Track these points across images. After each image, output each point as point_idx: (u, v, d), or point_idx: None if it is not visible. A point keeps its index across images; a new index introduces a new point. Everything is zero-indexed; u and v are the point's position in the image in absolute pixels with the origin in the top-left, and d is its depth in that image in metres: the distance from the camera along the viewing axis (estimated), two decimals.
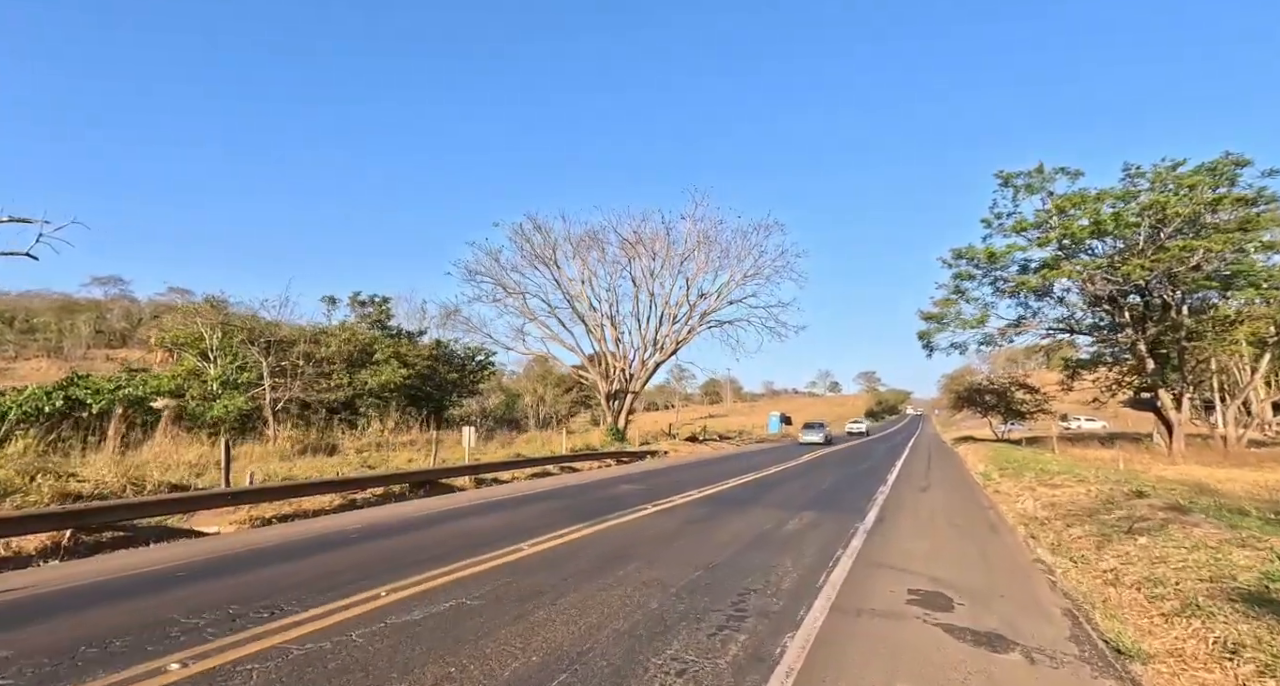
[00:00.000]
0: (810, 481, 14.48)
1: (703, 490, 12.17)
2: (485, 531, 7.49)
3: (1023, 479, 16.24)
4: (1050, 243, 25.30)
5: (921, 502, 11.51)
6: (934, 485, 14.75)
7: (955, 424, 77.75)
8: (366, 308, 39.05)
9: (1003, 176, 27.14)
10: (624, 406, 27.41)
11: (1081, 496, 11.74)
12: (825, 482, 14.23)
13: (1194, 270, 22.78)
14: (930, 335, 31.49)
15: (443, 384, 40.17)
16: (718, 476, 15.12)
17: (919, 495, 12.59)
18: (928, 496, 12.49)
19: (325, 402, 29.62)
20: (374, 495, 11.47)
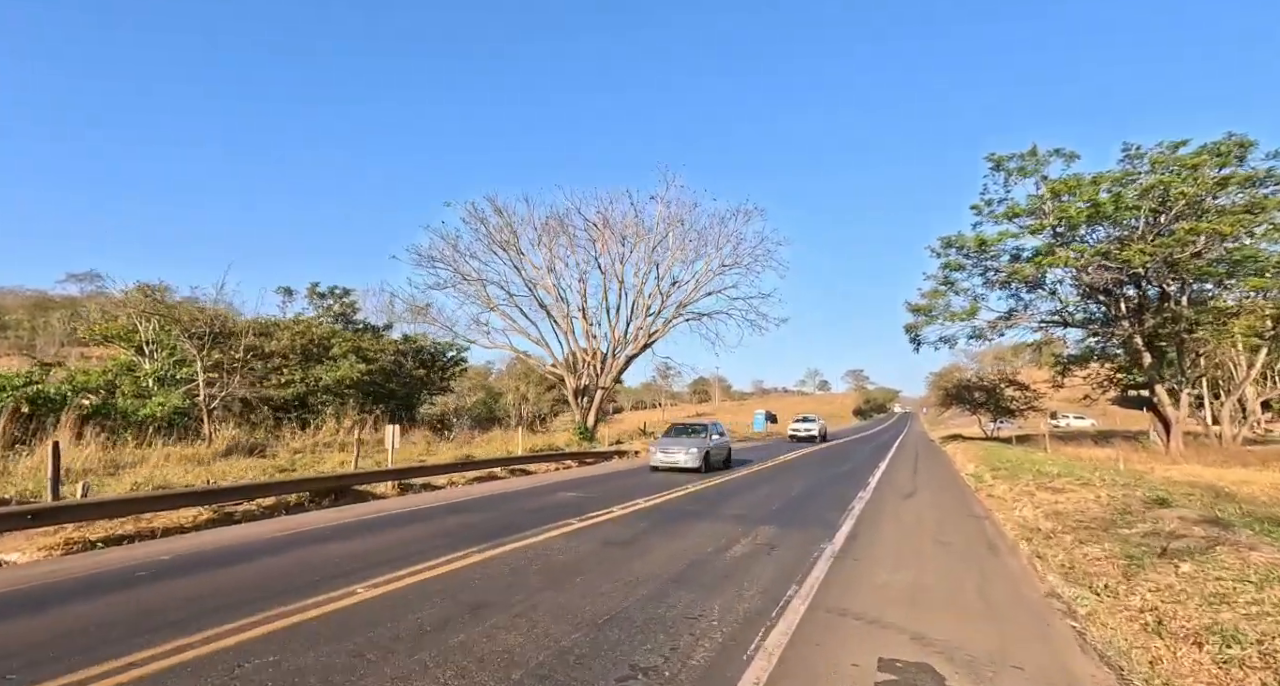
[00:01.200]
0: (781, 485, 12.82)
1: (654, 497, 10.46)
2: (333, 562, 5.71)
3: (1018, 481, 14.68)
4: (1044, 229, 23.84)
5: (905, 512, 9.87)
6: (920, 489, 13.14)
7: (943, 422, 76.71)
8: (326, 300, 36.95)
9: (994, 160, 25.66)
10: (593, 403, 25.63)
11: (1090, 504, 10.16)
12: (797, 487, 12.56)
13: (1195, 256, 21.41)
14: (918, 329, 30.00)
15: (409, 381, 38.22)
16: (680, 480, 13.43)
17: (902, 503, 10.95)
18: (913, 504, 10.85)
19: (272, 400, 27.63)
20: (261, 507, 9.65)
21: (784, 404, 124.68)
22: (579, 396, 25.51)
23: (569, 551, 6.16)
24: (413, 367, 39.01)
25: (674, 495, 11.05)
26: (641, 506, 9.54)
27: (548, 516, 8.24)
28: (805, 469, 17.83)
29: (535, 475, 15.95)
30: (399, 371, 37.82)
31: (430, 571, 5.28)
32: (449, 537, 6.74)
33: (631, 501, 10.00)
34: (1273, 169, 19.32)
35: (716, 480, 13.83)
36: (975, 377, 46.76)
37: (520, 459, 17.58)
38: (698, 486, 12.46)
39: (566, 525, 7.66)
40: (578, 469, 18.20)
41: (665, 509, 9.35)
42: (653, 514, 8.80)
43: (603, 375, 25.71)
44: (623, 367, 26.85)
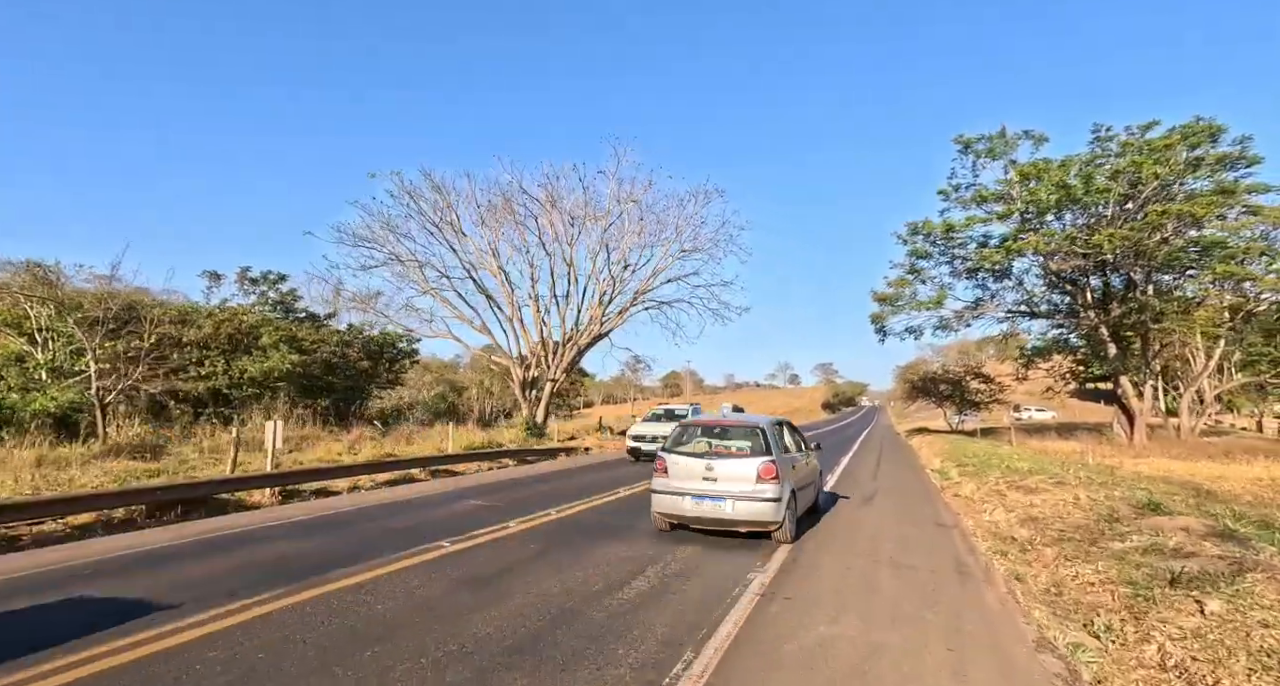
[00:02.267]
0: None
1: (573, 505, 8.84)
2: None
3: (986, 479, 13.53)
4: (1012, 215, 22.92)
5: (862, 524, 8.45)
6: (881, 492, 11.81)
7: (909, 415, 77.09)
8: (259, 286, 34.21)
9: (962, 142, 24.67)
10: (543, 397, 23.88)
11: (1070, 507, 8.92)
12: None
13: (1163, 243, 20.74)
14: (883, 318, 29.00)
15: (353, 374, 35.78)
16: (610, 483, 11.86)
17: (860, 509, 9.55)
18: (871, 512, 9.45)
19: (187, 394, 25.16)
20: (69, 527, 7.71)
21: (753, 397, 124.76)
22: (527, 389, 23.72)
23: (401, 595, 4.48)
24: (357, 359, 36.65)
25: (599, 501, 9.45)
26: (549, 518, 7.90)
27: (416, 537, 6.54)
28: None
29: (459, 476, 14.18)
30: (341, 363, 35.41)
31: (141, 648, 3.52)
32: (247, 576, 4.98)
33: (543, 511, 8.35)
34: (1244, 149, 18.63)
35: None
36: (941, 370, 46.43)
37: (449, 458, 15.79)
38: (630, 491, 10.89)
39: (432, 550, 5.98)
40: (514, 468, 16.47)
41: (577, 521, 7.74)
42: (556, 530, 7.16)
43: (553, 367, 23.96)
44: (574, 359, 25.11)
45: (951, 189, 26.50)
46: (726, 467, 6.78)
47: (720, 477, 6.71)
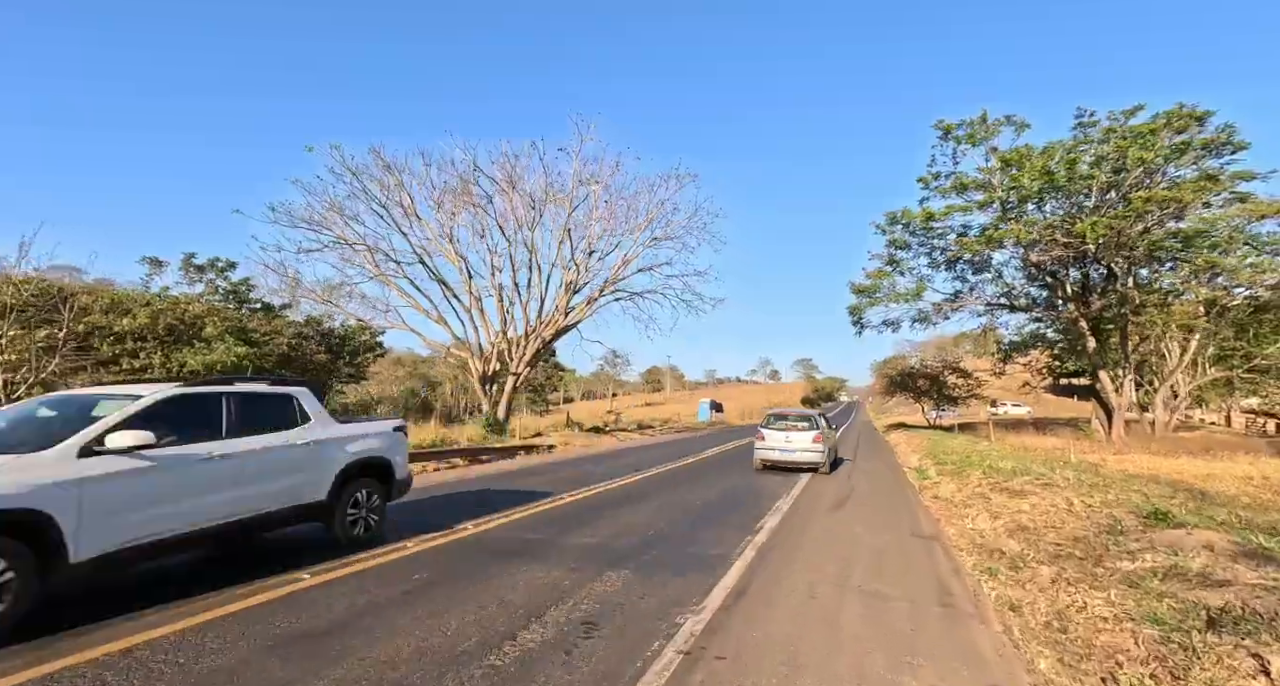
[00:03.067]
0: (684, 494, 10.19)
1: (484, 521, 7.56)
2: None
3: (968, 478, 12.59)
4: (992, 203, 22.12)
5: (833, 534, 7.35)
6: (855, 495, 10.76)
7: (887, 410, 77.10)
8: (206, 273, 32.16)
9: (943, 127, 23.80)
10: (504, 392, 22.52)
11: (1063, 514, 7.93)
12: (700, 497, 9.94)
13: (1145, 233, 20.09)
14: (861, 310, 28.17)
15: (311, 367, 33.98)
16: (563, 485, 10.65)
17: (829, 519, 8.46)
18: (841, 520, 8.36)
19: None
20: None
21: (734, 393, 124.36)
22: (487, 384, 22.34)
23: (177, 677, 3.21)
24: (313, 352, 34.84)
25: (529, 512, 8.21)
26: (456, 536, 6.64)
27: (273, 562, 5.25)
28: (723, 470, 15.37)
29: None
30: (297, 357, 33.58)
31: None
32: None
33: (457, 526, 7.10)
34: (1231, 134, 17.99)
35: (610, 485, 11.10)
36: (920, 365, 46.01)
37: None
38: (575, 497, 9.68)
39: (285, 584, 4.69)
40: (463, 469, 15.14)
41: (488, 541, 6.50)
42: (456, 553, 5.91)
43: (515, 360, 22.60)
44: (539, 351, 23.78)
45: (931, 177, 25.68)
46: (796, 436, 13.31)
47: (793, 441, 13.18)
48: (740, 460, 17.06)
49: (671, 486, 10.98)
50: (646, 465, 14.81)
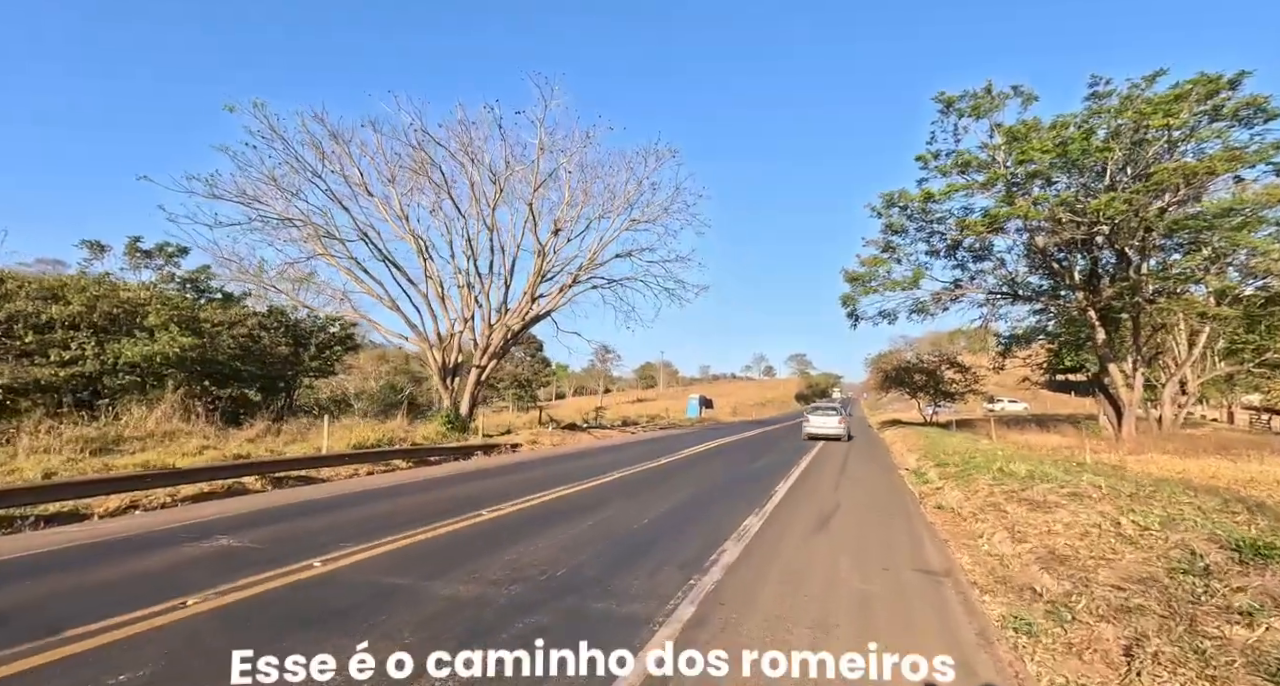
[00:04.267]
0: (632, 509, 8.38)
1: (360, 550, 5.76)
2: None
3: (976, 484, 10.85)
4: (997, 181, 20.33)
5: (803, 577, 5.51)
6: (843, 508, 8.98)
7: (882, 406, 75.63)
8: (154, 259, 30.06)
9: (944, 100, 22.00)
10: (466, 386, 20.64)
11: (1111, 538, 6.17)
12: (653, 510, 8.15)
13: (1162, 213, 18.37)
14: (855, 300, 26.38)
15: (269, 359, 31.98)
16: (487, 499, 8.84)
17: (806, 545, 6.66)
18: (822, 548, 6.57)
19: (37, 382, 21.36)
20: None
21: (727, 390, 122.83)
22: (448, 378, 20.44)
23: None
24: (274, 344, 32.85)
25: (431, 534, 6.41)
26: (302, 576, 4.83)
27: (39, 623, 3.44)
28: (700, 469, 13.61)
29: (316, 484, 10.98)
30: (256, 349, 31.57)
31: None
32: None
33: (315, 558, 5.28)
34: (1265, 103, 16.21)
35: (566, 491, 9.32)
36: (916, 359, 44.38)
37: (320, 461, 12.57)
38: (518, 507, 7.89)
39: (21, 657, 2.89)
40: (402, 472, 13.32)
41: (343, 581, 4.69)
42: (284, 605, 4.11)
43: (478, 352, 20.72)
44: (506, 343, 21.90)
45: (931, 156, 23.88)
46: (828, 418, 23.49)
47: (826, 422, 23.09)
48: (716, 461, 15.28)
49: (625, 495, 9.17)
50: (611, 468, 13.02)
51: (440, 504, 8.32)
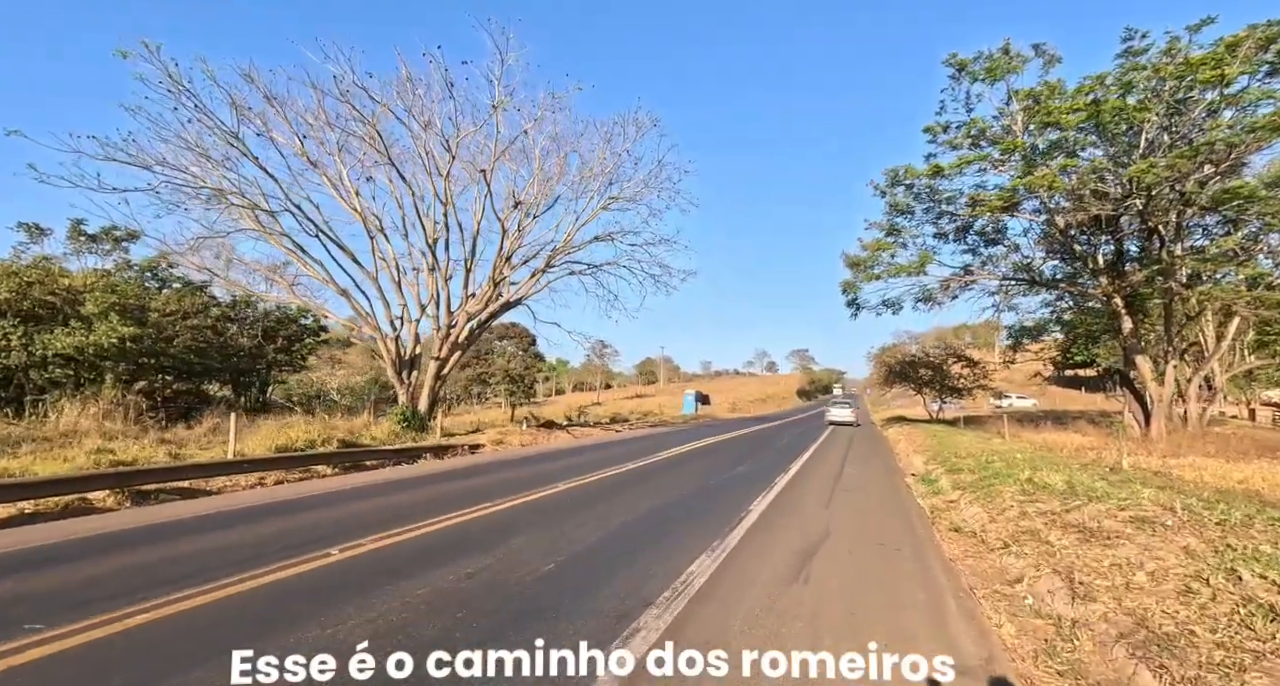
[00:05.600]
0: (571, 530, 6.43)
1: (183, 597, 3.79)
2: None
3: (1000, 497, 8.82)
4: (1015, 152, 18.16)
5: (766, 667, 3.47)
6: (835, 533, 6.96)
7: (885, 402, 73.48)
8: (101, 243, 28.09)
9: (956, 63, 19.80)
10: (425, 380, 18.65)
11: (1230, 602, 4.11)
12: (594, 535, 6.17)
13: (1206, 183, 16.22)
14: (856, 287, 24.29)
15: (229, 352, 30.05)
16: (426, 509, 6.96)
17: (778, 603, 4.63)
18: (799, 610, 4.55)
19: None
20: None
21: (728, 386, 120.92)
22: (404, 371, 18.44)
23: None
24: (234, 335, 30.91)
25: (293, 571, 4.44)
26: (101, 632, 2.86)
27: None
28: (680, 473, 11.62)
29: (197, 499, 9.00)
30: (216, 341, 29.64)
31: None
32: None
33: (127, 608, 3.29)
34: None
35: (471, 514, 7.32)
36: (922, 352, 42.23)
37: (226, 467, 10.60)
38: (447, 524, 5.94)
39: None
40: (321, 481, 11.34)
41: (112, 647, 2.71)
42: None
43: (439, 342, 18.71)
44: (472, 333, 19.87)
45: (940, 128, 21.71)
46: (844, 409, 35.19)
47: (843, 412, 34.64)
48: (693, 465, 13.25)
49: (553, 519, 7.15)
50: (565, 475, 11.02)
51: (302, 532, 6.34)
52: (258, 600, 4.24)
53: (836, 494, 9.55)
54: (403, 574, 4.84)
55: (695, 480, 10.89)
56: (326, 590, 4.46)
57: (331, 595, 4.32)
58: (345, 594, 4.34)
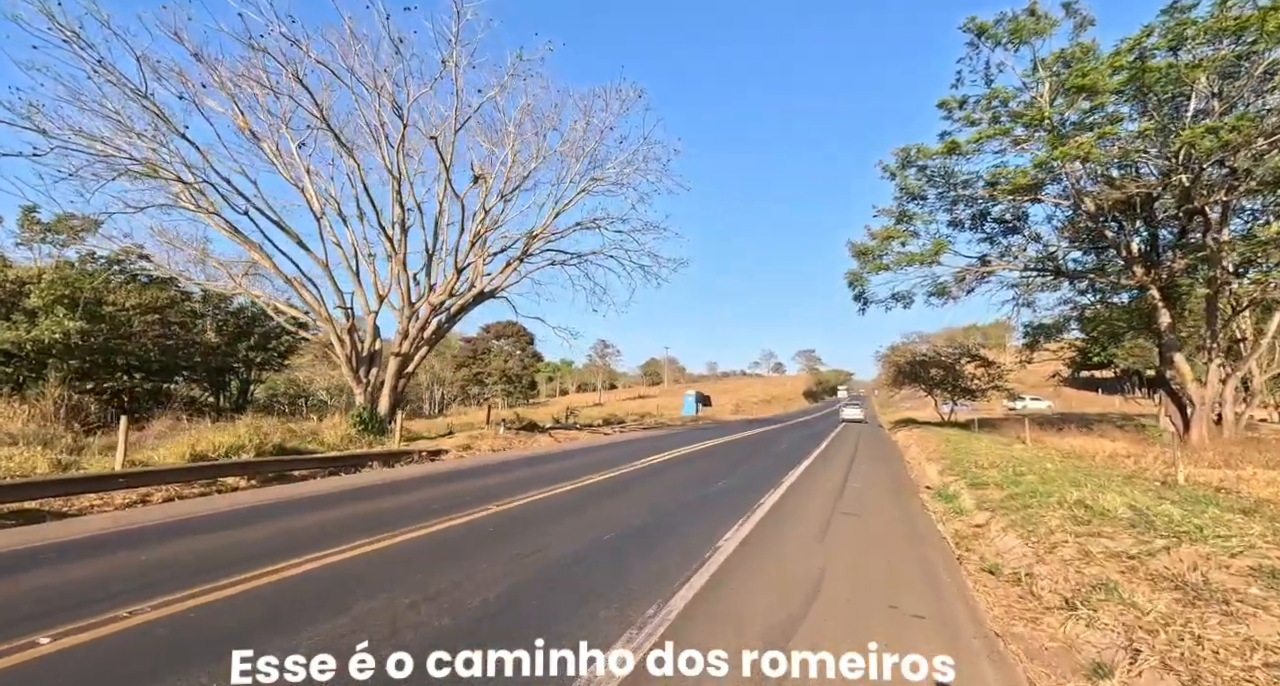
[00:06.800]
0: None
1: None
2: None
3: (1041, 522, 6.95)
4: (1044, 121, 16.18)
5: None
6: (829, 577, 5.14)
7: (894, 404, 71.22)
8: (56, 233, 26.57)
9: (975, 28, 17.85)
10: (386, 378, 16.88)
11: None
12: (493, 591, 4.39)
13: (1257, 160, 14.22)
14: (863, 280, 22.36)
15: (198, 350, 28.48)
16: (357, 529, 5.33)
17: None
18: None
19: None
20: None
21: (733, 387, 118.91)
22: (361, 368, 16.68)
23: None
24: (203, 332, 29.36)
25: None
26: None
27: None
28: (655, 487, 9.80)
29: (35, 526, 7.26)
30: (184, 337, 28.08)
31: None
32: None
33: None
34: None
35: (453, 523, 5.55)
36: (933, 351, 40.12)
37: (86, 482, 8.85)
38: (338, 556, 4.14)
39: None
40: (230, 496, 9.59)
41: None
42: None
43: (400, 337, 16.94)
44: (437, 328, 18.08)
45: (956, 102, 19.76)
46: (854, 408, 45.42)
47: (853, 411, 44.12)
48: (673, 476, 11.37)
49: (465, 554, 5.34)
50: (519, 489, 9.22)
51: (94, 584, 4.55)
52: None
53: (835, 520, 7.66)
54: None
55: (666, 497, 9.03)
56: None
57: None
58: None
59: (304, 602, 4.18)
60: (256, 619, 3.85)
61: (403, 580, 4.64)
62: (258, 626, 3.69)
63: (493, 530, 6.34)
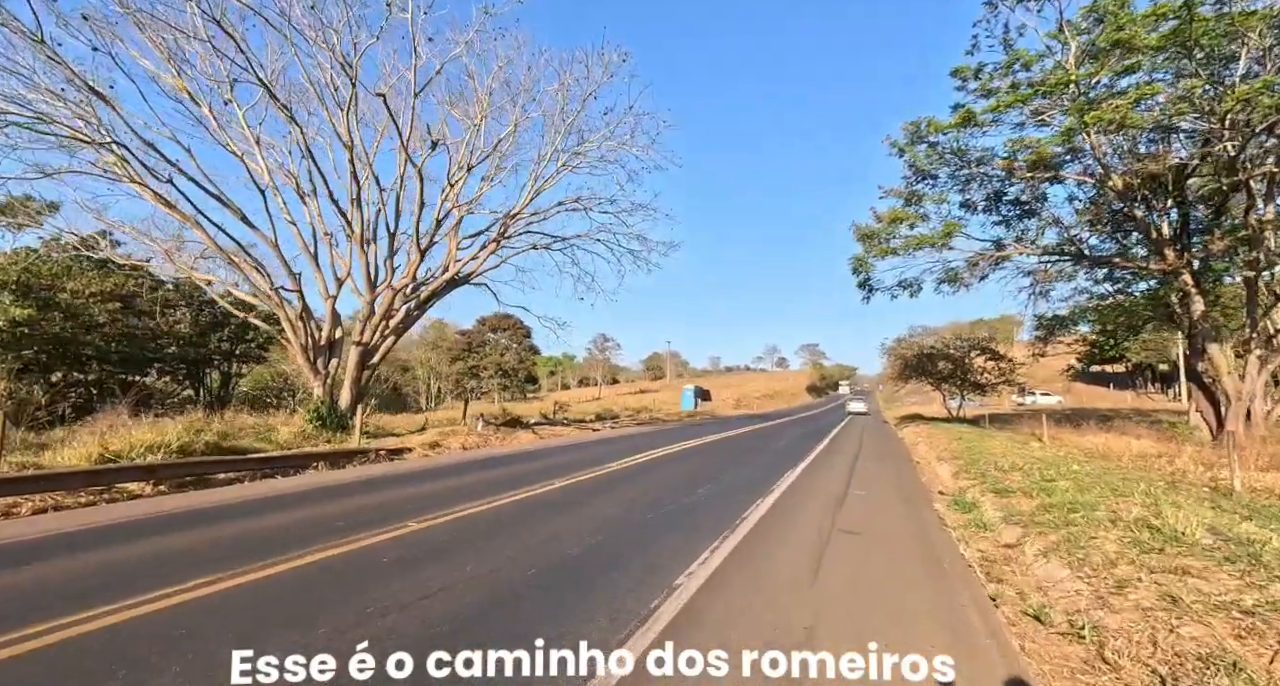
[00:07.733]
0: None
1: None
2: None
3: (1093, 545, 5.42)
4: (1068, 86, 14.56)
5: None
6: (820, 641, 3.62)
7: (899, 399, 69.57)
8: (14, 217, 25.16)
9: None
10: (347, 370, 15.47)
11: None
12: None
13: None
14: (868, 265, 20.79)
15: (166, 341, 27.15)
16: (253, 551, 3.84)
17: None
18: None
19: None
20: None
21: (738, 380, 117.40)
22: (319, 358, 15.26)
23: None
24: (177, 322, 28.00)
25: None
26: None
27: None
28: (628, 494, 8.39)
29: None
30: (151, 327, 26.75)
31: None
32: None
33: None
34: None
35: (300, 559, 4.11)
36: (942, 344, 38.49)
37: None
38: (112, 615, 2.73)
39: None
40: (124, 506, 8.21)
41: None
42: None
43: (361, 324, 15.51)
44: (405, 316, 16.61)
45: (971, 71, 18.15)
46: (859, 402, 51.30)
47: (858, 404, 48.19)
48: (653, 479, 9.89)
49: (333, 601, 3.93)
50: (471, 496, 7.84)
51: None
52: None
53: (834, 542, 6.17)
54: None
55: (638, 507, 7.57)
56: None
57: None
58: None
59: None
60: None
61: (172, 651, 3.20)
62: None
63: (386, 562, 4.88)
